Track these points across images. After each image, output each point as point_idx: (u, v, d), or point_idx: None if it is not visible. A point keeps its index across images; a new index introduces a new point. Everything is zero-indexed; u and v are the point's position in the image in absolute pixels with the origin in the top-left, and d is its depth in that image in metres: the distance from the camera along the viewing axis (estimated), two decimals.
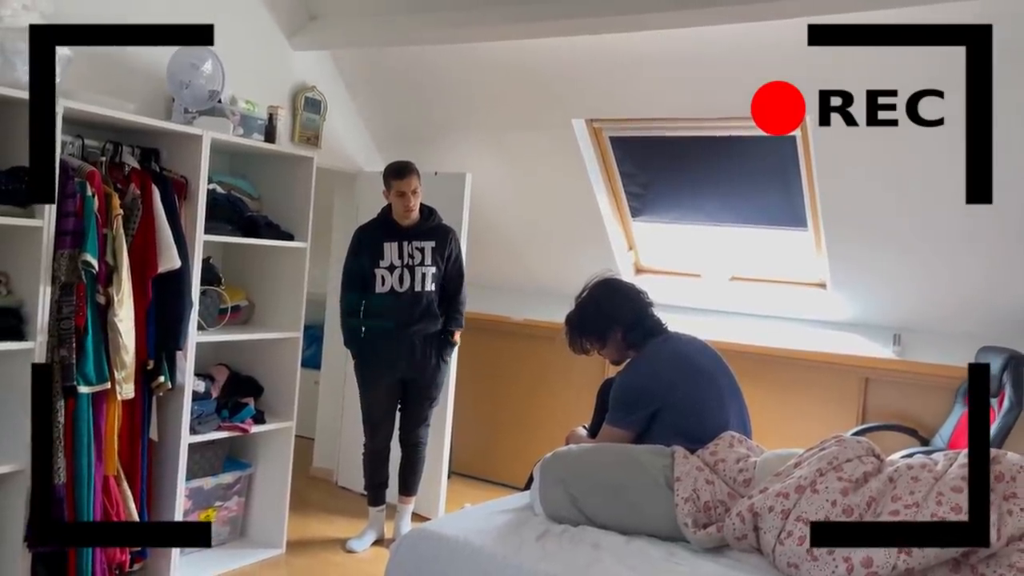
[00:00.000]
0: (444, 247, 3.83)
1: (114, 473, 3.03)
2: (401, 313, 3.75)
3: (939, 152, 3.25)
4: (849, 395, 4.06)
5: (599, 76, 3.78)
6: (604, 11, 3.29)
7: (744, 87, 3.47)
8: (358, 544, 3.87)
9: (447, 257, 3.85)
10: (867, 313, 4.03)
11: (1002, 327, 3.65)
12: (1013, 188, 3.14)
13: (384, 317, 3.78)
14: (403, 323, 3.75)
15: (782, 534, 2.09)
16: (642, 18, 3.22)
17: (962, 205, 3.39)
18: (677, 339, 2.85)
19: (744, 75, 3.42)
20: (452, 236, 3.90)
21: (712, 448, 2.50)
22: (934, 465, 2.18)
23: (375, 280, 3.76)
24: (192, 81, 3.35)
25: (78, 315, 2.85)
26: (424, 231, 3.81)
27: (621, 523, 2.32)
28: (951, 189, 3.36)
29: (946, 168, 3.30)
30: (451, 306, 3.89)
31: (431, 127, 4.59)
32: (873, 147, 3.37)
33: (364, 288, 3.79)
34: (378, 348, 3.80)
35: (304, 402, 3.95)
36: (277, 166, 3.82)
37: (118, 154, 3.12)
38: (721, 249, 4.33)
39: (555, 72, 3.86)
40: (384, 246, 3.76)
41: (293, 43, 4.18)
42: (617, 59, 3.64)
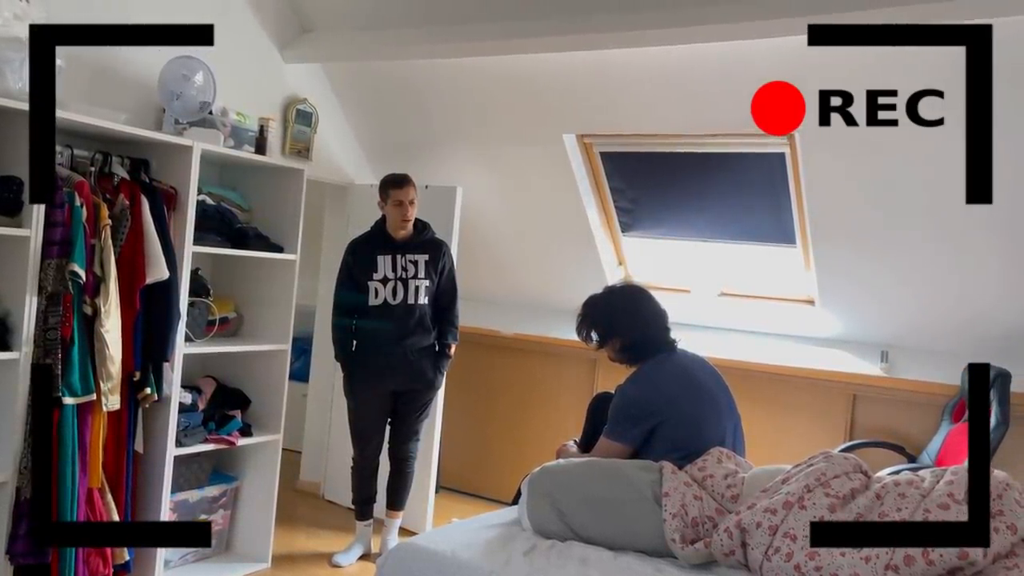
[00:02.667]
0: (438, 260, 3.83)
1: (98, 485, 3.00)
2: (394, 326, 3.75)
3: (929, 171, 3.28)
4: (837, 411, 4.07)
5: (590, 91, 3.80)
6: (599, 28, 3.31)
7: (735, 102, 3.50)
8: (344, 559, 3.84)
9: (440, 270, 3.85)
10: (855, 330, 4.05)
11: (988, 345, 3.67)
12: (999, 208, 3.16)
13: (377, 330, 3.78)
14: (396, 336, 3.74)
15: (769, 550, 2.09)
16: (639, 35, 3.24)
17: (950, 224, 3.43)
18: (681, 355, 2.86)
19: (735, 90, 3.45)
20: (445, 249, 3.90)
21: (700, 463, 2.50)
22: (921, 482, 2.18)
23: (368, 293, 3.76)
24: (183, 92, 3.34)
25: (64, 325, 2.83)
26: (418, 244, 3.81)
27: (609, 538, 2.31)
28: (940, 209, 3.40)
29: (935, 188, 3.33)
30: (445, 319, 3.89)
31: (422, 140, 4.60)
32: (862, 165, 3.40)
33: (357, 301, 3.79)
34: (369, 361, 3.79)
35: (292, 415, 3.93)
36: (268, 178, 3.81)
37: (107, 164, 3.11)
38: (710, 265, 4.34)
39: (546, 87, 3.88)
40: (378, 259, 3.76)
41: (285, 55, 4.19)
42: (609, 74, 3.67)
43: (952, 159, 3.17)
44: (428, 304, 3.80)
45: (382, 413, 3.85)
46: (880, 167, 3.38)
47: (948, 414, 3.70)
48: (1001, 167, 2.77)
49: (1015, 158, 3.04)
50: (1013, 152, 3.00)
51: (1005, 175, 3.07)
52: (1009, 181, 3.07)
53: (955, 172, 3.21)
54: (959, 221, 3.39)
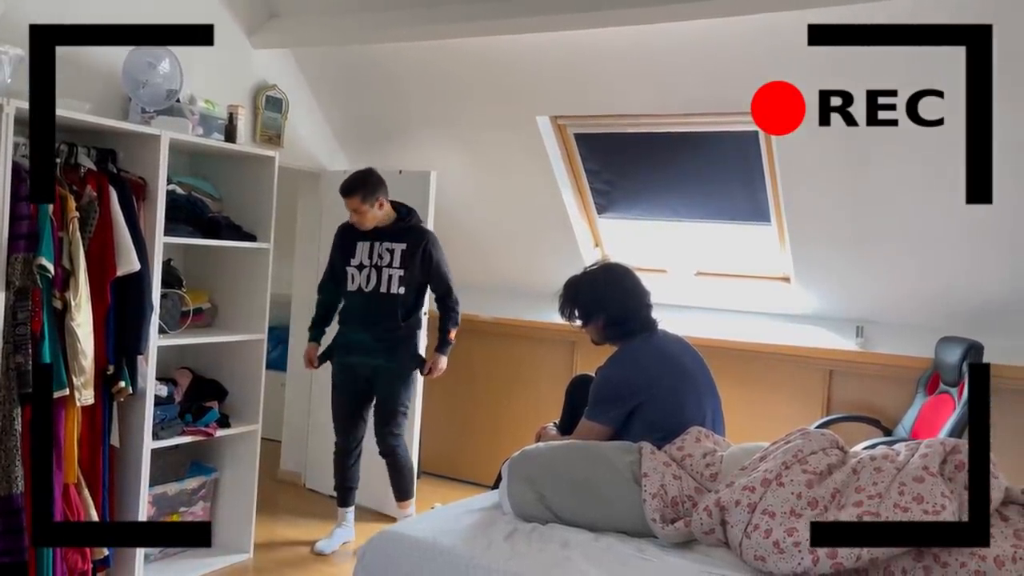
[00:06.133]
0: (415, 249, 3.77)
1: (74, 481, 2.97)
2: (364, 313, 3.76)
3: (900, 147, 3.30)
4: (814, 387, 4.10)
5: (563, 73, 3.78)
6: (571, 8, 3.28)
7: (708, 82, 3.50)
8: (326, 545, 3.84)
9: (421, 259, 3.78)
10: (830, 306, 4.08)
11: (961, 318, 3.72)
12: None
13: (351, 316, 3.81)
14: (364, 323, 3.76)
15: (748, 527, 2.10)
16: (610, 15, 3.21)
17: (922, 200, 3.46)
18: (661, 336, 2.86)
19: (708, 70, 3.45)
20: (427, 238, 3.82)
21: (679, 443, 2.51)
22: (896, 456, 2.21)
23: (347, 278, 3.79)
24: (149, 80, 3.29)
25: (34, 320, 2.79)
26: (396, 232, 3.79)
27: (590, 520, 2.32)
28: (912, 184, 3.42)
29: (907, 163, 3.35)
30: (443, 305, 3.87)
31: (395, 125, 4.56)
32: (835, 144, 3.41)
33: (338, 286, 3.84)
34: (341, 347, 3.82)
35: (270, 404, 3.90)
36: (238, 166, 3.76)
37: (73, 155, 3.05)
38: (686, 245, 4.35)
39: (519, 69, 3.85)
40: (357, 245, 3.78)
41: (253, 41, 4.12)
42: (582, 55, 3.64)
43: (923, 138, 3.19)
44: (405, 294, 3.76)
45: (355, 400, 3.84)
46: (852, 146, 3.39)
47: (922, 386, 3.75)
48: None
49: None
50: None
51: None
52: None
53: (926, 150, 3.25)
54: (932, 198, 3.42)
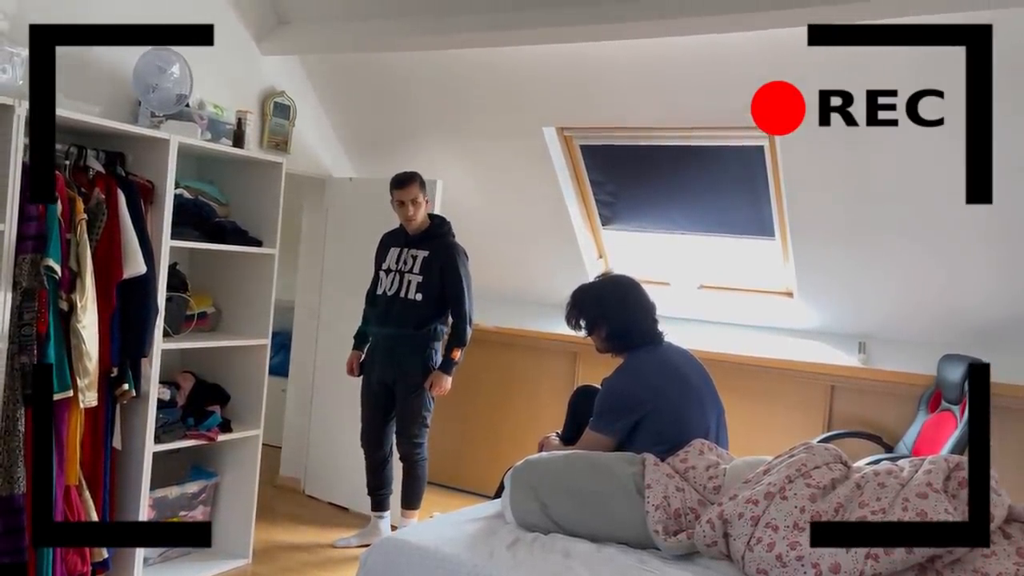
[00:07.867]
0: (437, 258, 3.79)
1: (75, 483, 2.97)
2: (384, 315, 3.85)
3: (906, 161, 3.31)
4: (815, 402, 4.10)
5: (570, 84, 3.79)
6: (579, 20, 3.29)
7: (715, 95, 3.51)
8: (343, 542, 3.96)
9: (441, 269, 3.77)
10: (833, 322, 4.09)
11: (964, 335, 3.72)
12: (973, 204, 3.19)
13: (373, 317, 3.93)
14: (382, 327, 3.85)
15: (751, 540, 2.10)
16: (618, 28, 3.22)
17: (926, 216, 3.47)
18: (666, 348, 2.89)
19: (715, 83, 3.46)
20: (452, 250, 3.81)
21: (682, 455, 2.52)
22: (900, 471, 2.21)
23: (378, 282, 3.91)
24: (159, 84, 3.30)
25: (40, 321, 2.79)
26: (423, 238, 3.85)
27: (592, 531, 2.32)
28: (916, 200, 3.43)
29: (912, 179, 3.36)
30: (453, 321, 3.86)
31: (401, 133, 4.57)
32: (840, 158, 3.42)
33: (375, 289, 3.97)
34: (368, 351, 3.95)
35: (271, 410, 3.91)
36: (245, 171, 3.78)
37: (82, 158, 3.07)
38: (690, 258, 4.36)
39: (526, 79, 3.87)
40: (391, 250, 3.90)
41: (262, 47, 4.14)
42: (589, 67, 3.66)
43: (929, 152, 3.21)
44: (423, 300, 3.76)
45: (377, 405, 3.91)
46: (857, 161, 3.41)
47: (924, 404, 3.75)
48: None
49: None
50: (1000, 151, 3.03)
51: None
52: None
53: (931, 165, 3.26)
54: (935, 215, 3.43)
